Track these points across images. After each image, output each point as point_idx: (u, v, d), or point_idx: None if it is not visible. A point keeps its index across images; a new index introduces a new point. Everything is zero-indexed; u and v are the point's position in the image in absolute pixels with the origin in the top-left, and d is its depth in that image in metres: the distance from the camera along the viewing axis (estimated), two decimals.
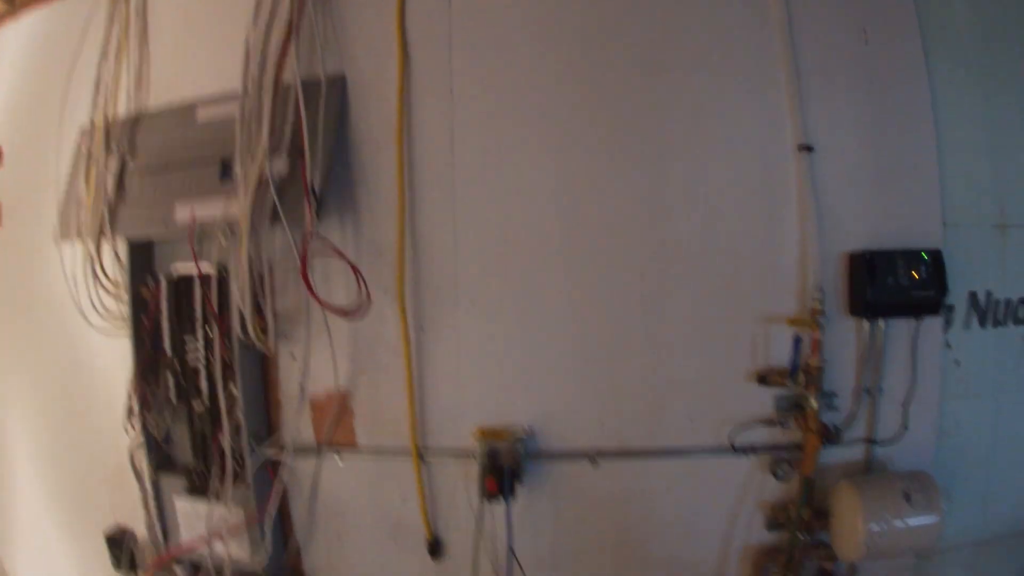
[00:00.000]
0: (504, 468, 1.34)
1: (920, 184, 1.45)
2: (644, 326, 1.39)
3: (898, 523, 1.29)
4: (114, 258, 1.58)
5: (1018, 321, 1.58)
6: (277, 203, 1.33)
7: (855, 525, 1.28)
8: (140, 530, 1.67)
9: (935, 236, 1.44)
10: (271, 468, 1.56)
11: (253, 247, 1.38)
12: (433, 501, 1.49)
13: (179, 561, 1.62)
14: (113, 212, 1.56)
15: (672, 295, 1.39)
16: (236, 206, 1.37)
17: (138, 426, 1.59)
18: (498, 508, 1.36)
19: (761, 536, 1.44)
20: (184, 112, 1.55)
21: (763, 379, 1.35)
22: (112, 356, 1.64)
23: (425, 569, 1.52)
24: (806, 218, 1.38)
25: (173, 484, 1.60)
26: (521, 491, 1.40)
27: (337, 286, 1.45)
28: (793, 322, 1.35)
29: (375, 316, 1.46)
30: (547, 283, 1.41)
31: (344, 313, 1.38)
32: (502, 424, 1.43)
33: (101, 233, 1.56)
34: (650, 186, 1.40)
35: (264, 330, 1.45)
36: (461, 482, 1.46)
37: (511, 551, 1.35)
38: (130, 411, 1.61)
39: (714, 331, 1.39)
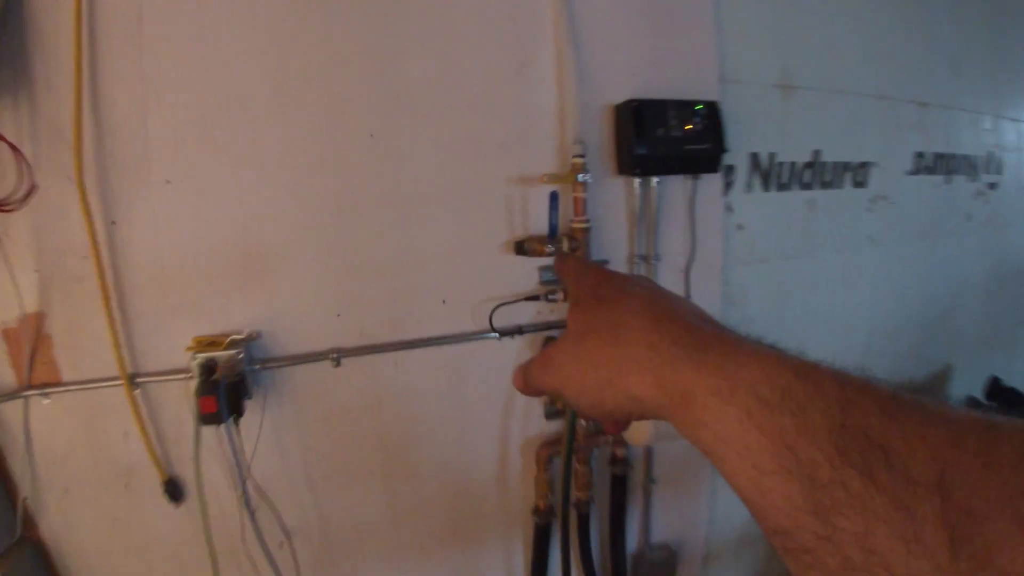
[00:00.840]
0: (221, 383, 1.09)
1: (695, 34, 1.31)
2: (380, 197, 1.16)
3: None
4: None
5: (804, 185, 1.49)
6: None
7: None
8: None
9: (712, 92, 1.30)
10: None
11: None
12: (159, 434, 1.23)
13: None
14: None
15: (411, 156, 1.17)
16: None
17: None
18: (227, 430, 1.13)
19: (542, 426, 1.29)
20: None
21: (520, 247, 1.17)
22: None
23: (169, 514, 1.28)
24: (564, 65, 1.20)
25: None
26: (253, 406, 1.17)
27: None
28: (550, 178, 1.16)
29: (58, 213, 1.15)
30: (263, 151, 1.15)
31: None
32: (224, 331, 1.17)
33: None
34: (378, 26, 1.15)
35: None
36: (187, 406, 1.20)
37: (242, 480, 1.12)
38: None
39: (463, 197, 1.19)
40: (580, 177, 1.17)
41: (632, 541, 1.42)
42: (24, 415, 1.25)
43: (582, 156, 1.18)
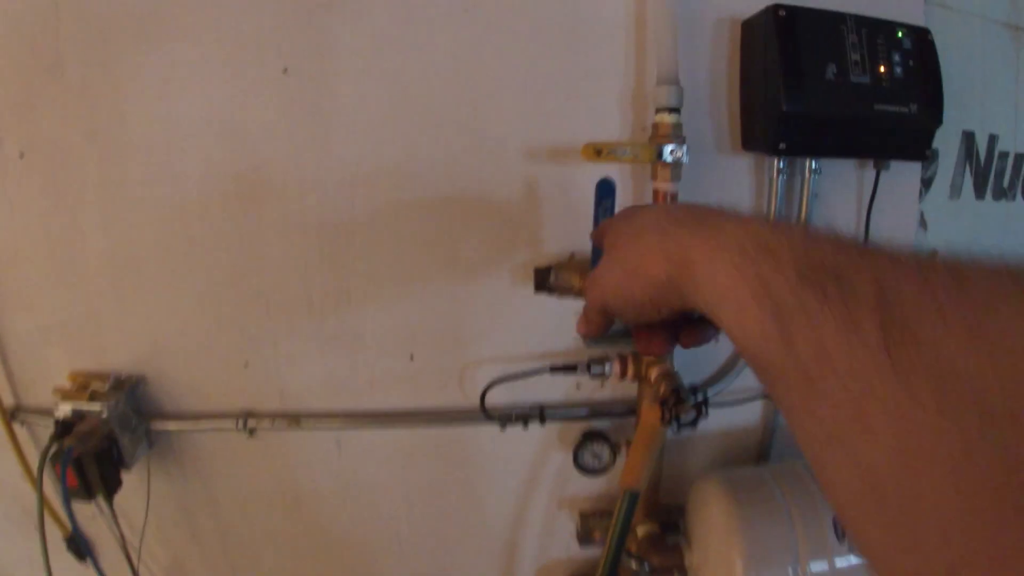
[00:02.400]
0: (68, 452, 0.72)
1: None
2: (306, 169, 0.67)
3: (815, 567, 0.64)
4: None
5: None
6: None
7: None
8: None
9: (914, 13, 0.65)
10: None
11: None
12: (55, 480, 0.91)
13: None
14: None
15: (360, 103, 0.65)
16: None
17: None
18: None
19: (571, 551, 0.82)
20: None
21: (543, 279, 0.64)
22: None
23: (81, 573, 1.00)
24: None
25: None
26: (139, 476, 0.81)
27: None
28: (600, 153, 0.60)
29: None
30: (132, 109, 0.69)
31: None
32: (100, 368, 0.79)
33: None
34: None
35: None
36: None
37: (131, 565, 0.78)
38: None
39: (449, 179, 0.67)
40: (667, 152, 0.61)
41: None
42: None
43: (675, 111, 0.61)
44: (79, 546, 0.96)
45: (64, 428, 0.77)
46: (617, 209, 0.56)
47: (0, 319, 0.83)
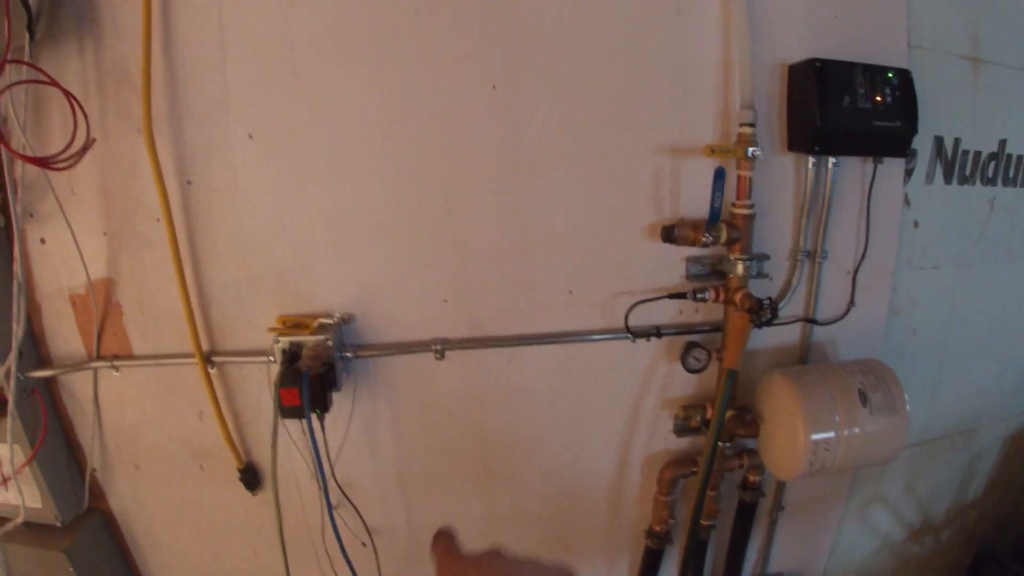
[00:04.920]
0: (304, 373, 0.94)
1: None
2: (498, 162, 0.96)
3: (849, 431, 0.95)
4: None
5: (986, 180, 1.22)
6: None
7: (794, 436, 0.95)
8: None
9: (900, 58, 1.04)
10: (37, 390, 1.14)
11: None
12: (237, 418, 1.11)
13: None
14: None
15: (536, 114, 0.95)
16: None
17: None
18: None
19: (668, 442, 1.11)
20: None
21: (670, 234, 0.95)
22: None
23: (245, 500, 1.17)
24: (732, 8, 0.94)
25: None
26: (341, 398, 1.02)
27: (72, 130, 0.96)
28: (715, 151, 0.93)
29: (128, 170, 1.01)
30: (359, 102, 0.95)
31: (45, 163, 0.91)
32: (311, 311, 1.02)
33: None
34: None
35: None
36: (267, 390, 1.07)
37: (322, 477, 0.98)
38: None
39: (599, 164, 0.97)
40: (750, 151, 0.94)
41: (747, 569, 1.25)
42: (93, 386, 1.14)
43: (752, 125, 0.95)
44: (252, 477, 1.14)
45: (291, 357, 0.98)
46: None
47: (205, 272, 1.03)
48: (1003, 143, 1.23)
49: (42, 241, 1.08)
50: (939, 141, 1.15)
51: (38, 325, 1.13)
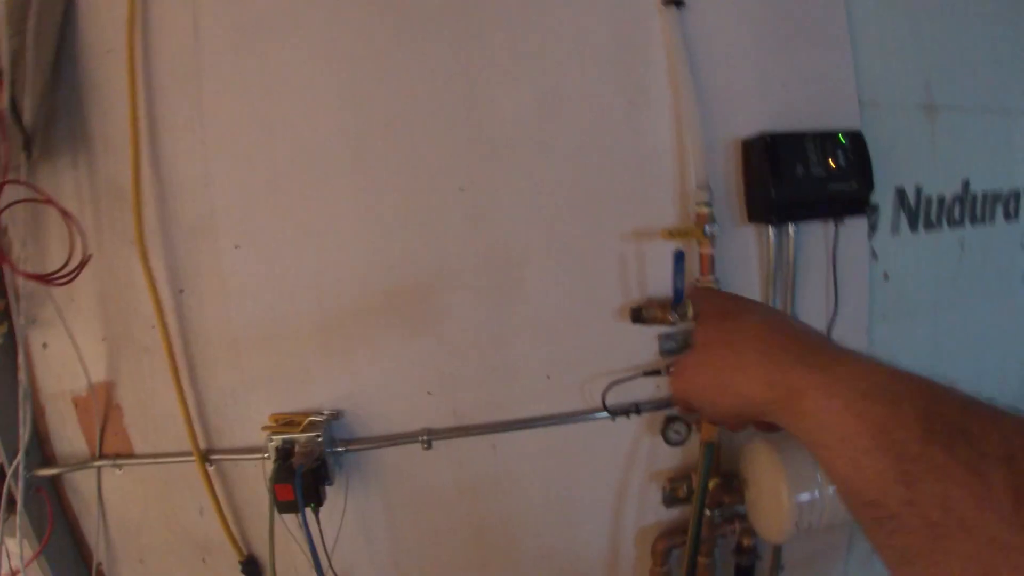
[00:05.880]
0: (297, 470, 0.97)
1: (829, 52, 1.09)
2: (474, 259, 1.01)
3: (832, 489, 0.96)
4: None
5: (952, 222, 1.25)
6: None
7: (778, 499, 0.96)
8: None
9: (852, 117, 1.08)
10: (42, 488, 1.18)
11: None
12: (236, 512, 1.13)
13: None
14: None
15: (507, 212, 1.00)
16: None
17: None
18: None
19: (660, 514, 1.12)
20: None
21: (639, 315, 0.99)
22: None
23: None
24: (681, 93, 1.00)
25: None
26: (334, 492, 1.05)
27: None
28: (672, 234, 0.98)
29: (124, 280, 1.07)
30: (339, 211, 1.01)
31: (45, 279, 0.97)
32: (303, 407, 1.05)
33: None
34: (461, 60, 0.98)
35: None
36: (264, 484, 1.09)
37: (319, 574, 1.00)
38: None
39: (568, 255, 1.02)
40: (707, 230, 0.98)
41: None
42: (97, 484, 1.18)
43: (708, 205, 0.99)
44: (254, 569, 1.16)
45: (284, 454, 1.02)
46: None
47: (200, 375, 1.08)
48: (966, 183, 1.26)
49: (44, 346, 1.13)
50: (900, 192, 1.18)
51: (42, 425, 1.18)
